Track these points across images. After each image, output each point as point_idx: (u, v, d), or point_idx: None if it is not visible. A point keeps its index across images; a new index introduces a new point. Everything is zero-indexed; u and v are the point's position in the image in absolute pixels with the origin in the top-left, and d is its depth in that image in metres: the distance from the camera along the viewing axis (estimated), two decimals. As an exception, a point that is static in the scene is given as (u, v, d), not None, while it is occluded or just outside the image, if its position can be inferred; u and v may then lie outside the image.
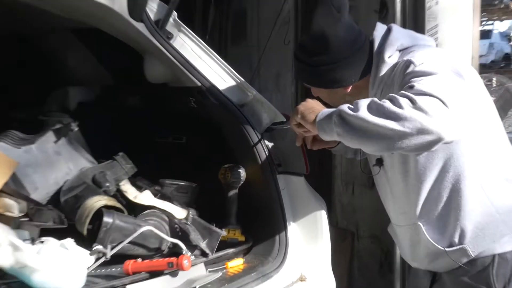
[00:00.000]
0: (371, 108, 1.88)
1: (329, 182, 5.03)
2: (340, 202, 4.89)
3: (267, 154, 2.73)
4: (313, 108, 2.14)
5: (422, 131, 1.79)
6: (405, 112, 1.80)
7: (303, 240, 2.77)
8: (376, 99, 1.90)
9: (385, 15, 3.90)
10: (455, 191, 2.12)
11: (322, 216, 2.79)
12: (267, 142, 2.76)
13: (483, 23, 24.22)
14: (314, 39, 2.23)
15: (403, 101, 1.83)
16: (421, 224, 2.22)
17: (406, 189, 2.23)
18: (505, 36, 26.15)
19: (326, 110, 2.07)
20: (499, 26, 26.50)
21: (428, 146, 1.83)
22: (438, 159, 2.12)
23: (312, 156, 2.76)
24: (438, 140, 1.81)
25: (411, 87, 1.89)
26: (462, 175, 2.11)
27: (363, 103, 1.91)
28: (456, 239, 2.15)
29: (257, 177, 2.79)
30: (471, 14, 3.67)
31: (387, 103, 1.85)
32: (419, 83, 1.89)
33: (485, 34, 23.07)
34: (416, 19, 3.63)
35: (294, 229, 2.76)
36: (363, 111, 1.87)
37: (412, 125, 1.79)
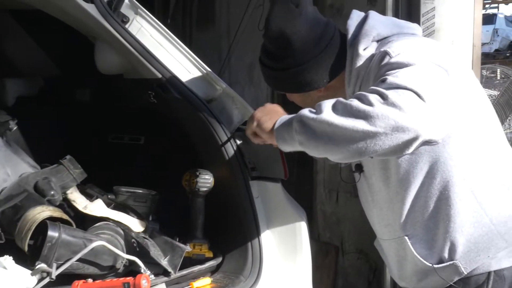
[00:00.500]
0: (336, 109, 1.90)
1: (310, 189, 5.06)
2: (323, 211, 4.92)
3: (238, 156, 2.74)
4: (272, 114, 2.17)
5: (396, 129, 1.82)
6: (376, 109, 1.83)
7: (280, 255, 2.79)
8: (341, 99, 1.94)
9: (375, -4, 3.95)
10: (443, 199, 2.15)
11: (302, 228, 2.81)
12: (238, 143, 2.77)
13: (486, 6, 24.54)
14: (273, 40, 2.26)
15: (373, 97, 1.86)
16: (406, 238, 2.24)
17: (388, 197, 2.26)
18: (511, 21, 26.46)
19: (286, 116, 2.10)
20: (505, 10, 26.84)
21: (405, 147, 1.86)
22: (423, 163, 2.14)
23: (291, 159, 2.78)
24: (415, 138, 1.84)
25: (383, 80, 1.93)
26: (450, 181, 2.14)
27: (327, 104, 1.94)
28: (446, 254, 2.18)
29: (227, 183, 2.79)
30: (472, -4, 3.72)
31: (354, 102, 1.88)
32: (393, 76, 1.93)
33: (489, 19, 23.35)
34: (410, 2, 3.67)
35: (269, 243, 2.77)
36: (327, 113, 1.90)
37: (385, 124, 1.82)
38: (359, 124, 1.84)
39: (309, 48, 2.23)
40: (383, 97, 1.84)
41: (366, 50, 2.21)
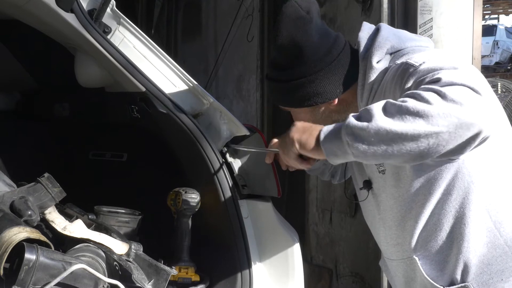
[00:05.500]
0: (389, 112, 1.87)
1: (302, 208, 5.06)
2: (315, 233, 4.92)
3: (226, 174, 2.74)
4: (309, 130, 2.09)
5: (460, 126, 1.81)
6: (436, 108, 1.81)
7: (271, 280, 2.78)
8: (391, 100, 1.90)
9: (369, 6, 3.97)
10: (458, 218, 2.14)
11: (294, 250, 2.81)
12: (228, 159, 2.77)
13: (486, 17, 24.75)
14: (283, 49, 2.25)
15: (430, 95, 1.84)
16: (416, 258, 2.24)
17: (400, 215, 2.25)
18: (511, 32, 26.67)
19: (327, 129, 2.02)
20: (505, 21, 27.08)
21: (467, 144, 1.85)
22: (441, 180, 2.13)
23: (281, 176, 2.78)
24: (478, 134, 1.83)
25: (429, 82, 1.90)
26: (466, 198, 2.13)
27: (376, 108, 1.90)
28: (458, 276, 2.17)
29: (215, 203, 2.79)
30: (471, 7, 3.75)
31: (410, 102, 1.85)
32: (439, 74, 1.91)
33: (489, 31, 23.53)
34: (406, 12, 3.69)
35: (259, 267, 2.77)
36: (381, 119, 1.87)
37: (447, 122, 1.81)
38: (419, 126, 1.82)
39: (321, 56, 2.22)
40: (440, 94, 1.82)
41: (379, 62, 2.20)
